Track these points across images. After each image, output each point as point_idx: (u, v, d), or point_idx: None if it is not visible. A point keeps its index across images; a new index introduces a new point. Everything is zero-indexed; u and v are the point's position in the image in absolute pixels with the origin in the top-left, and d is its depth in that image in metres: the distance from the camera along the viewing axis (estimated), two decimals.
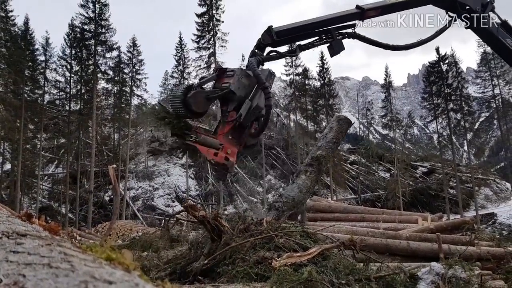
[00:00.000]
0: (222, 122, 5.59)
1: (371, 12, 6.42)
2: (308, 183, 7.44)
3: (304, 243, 5.57)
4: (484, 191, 45.94)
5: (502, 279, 8.19)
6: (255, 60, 5.63)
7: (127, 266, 1.18)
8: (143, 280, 0.97)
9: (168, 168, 39.80)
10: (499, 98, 38.81)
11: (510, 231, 29.88)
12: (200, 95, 5.26)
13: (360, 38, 6.52)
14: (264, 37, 5.71)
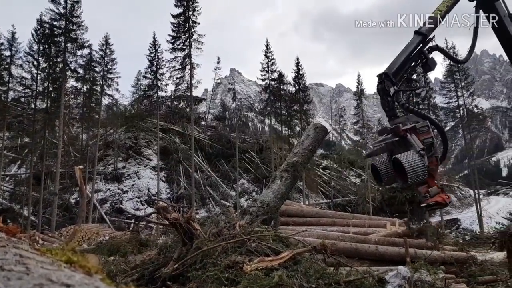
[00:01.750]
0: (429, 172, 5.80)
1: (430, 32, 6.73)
2: (283, 188, 7.43)
3: (276, 247, 5.56)
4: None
5: (464, 283, 8.47)
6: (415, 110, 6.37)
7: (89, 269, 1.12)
8: (105, 283, 0.92)
9: (139, 171, 39.02)
10: (463, 108, 40.35)
11: (472, 236, 30.99)
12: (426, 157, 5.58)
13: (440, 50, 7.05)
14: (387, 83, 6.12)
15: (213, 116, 61.01)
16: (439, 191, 5.68)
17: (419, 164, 5.29)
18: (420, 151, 5.39)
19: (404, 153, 5.49)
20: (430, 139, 5.61)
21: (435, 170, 5.84)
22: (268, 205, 7.20)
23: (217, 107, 73.11)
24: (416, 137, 5.60)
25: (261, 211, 7.17)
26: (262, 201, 7.31)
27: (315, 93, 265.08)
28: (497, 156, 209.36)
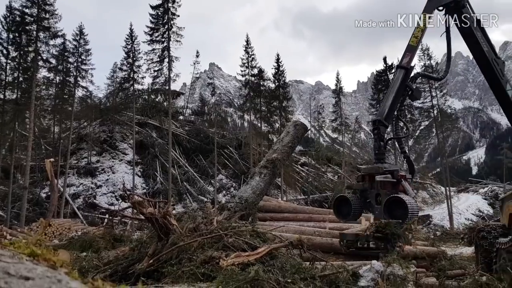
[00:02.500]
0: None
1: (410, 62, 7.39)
2: (262, 185, 7.47)
3: (253, 242, 5.55)
4: (422, 194, 48.89)
5: (434, 276, 8.70)
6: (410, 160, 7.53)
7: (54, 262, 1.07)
8: (69, 277, 0.88)
9: (113, 165, 38.28)
10: (437, 108, 41.41)
11: (443, 232, 31.92)
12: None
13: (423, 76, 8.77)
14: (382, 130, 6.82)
15: (191, 111, 60.44)
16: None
17: (416, 208, 6.00)
18: (414, 196, 6.19)
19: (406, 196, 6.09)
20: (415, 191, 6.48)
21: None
22: (246, 201, 7.24)
23: (196, 101, 72.46)
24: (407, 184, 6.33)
25: (239, 207, 7.19)
26: (241, 197, 7.33)
27: (295, 90, 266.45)
28: (468, 155, 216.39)
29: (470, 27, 8.24)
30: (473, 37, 8.33)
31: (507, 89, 8.61)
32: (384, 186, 6.36)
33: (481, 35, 8.36)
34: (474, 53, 8.65)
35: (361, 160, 59.42)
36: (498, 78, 8.53)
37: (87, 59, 36.96)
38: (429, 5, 7.94)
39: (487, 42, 8.46)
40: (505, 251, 7.13)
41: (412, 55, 7.37)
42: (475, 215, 41.12)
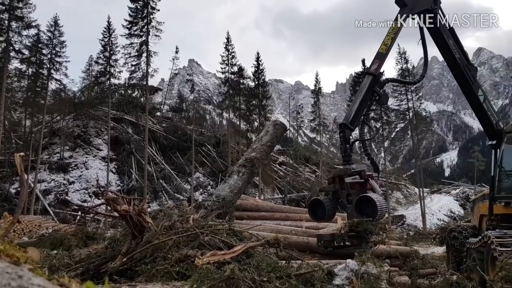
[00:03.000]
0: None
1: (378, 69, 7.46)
2: (240, 183, 7.45)
3: (229, 241, 5.50)
4: (396, 194, 49.96)
5: (407, 275, 8.88)
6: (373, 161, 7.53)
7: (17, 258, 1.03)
8: (34, 273, 0.83)
9: (87, 161, 37.37)
10: (412, 111, 42.39)
11: (416, 231, 32.68)
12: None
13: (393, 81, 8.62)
14: (347, 133, 6.89)
15: (169, 107, 59.72)
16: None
17: (384, 205, 6.23)
18: (381, 194, 6.33)
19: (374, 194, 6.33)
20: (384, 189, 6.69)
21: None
22: (224, 199, 7.20)
23: (174, 98, 71.72)
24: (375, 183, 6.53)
25: (217, 205, 7.15)
26: (218, 195, 7.29)
27: (274, 89, 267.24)
28: (441, 157, 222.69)
29: (442, 35, 8.41)
30: (445, 44, 8.49)
31: (478, 94, 8.85)
32: (353, 186, 6.58)
33: (453, 42, 8.53)
34: (446, 60, 8.88)
35: (338, 160, 60.17)
36: (470, 84, 8.76)
37: (62, 51, 35.95)
38: (401, 13, 8.09)
39: (459, 49, 8.64)
40: (475, 251, 7.33)
41: (381, 62, 7.46)
42: (447, 215, 42.32)
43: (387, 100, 7.48)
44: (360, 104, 7.11)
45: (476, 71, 9.12)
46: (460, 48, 8.69)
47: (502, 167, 8.47)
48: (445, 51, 8.70)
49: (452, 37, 8.58)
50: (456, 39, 8.66)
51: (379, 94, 7.25)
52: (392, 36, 7.75)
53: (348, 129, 6.72)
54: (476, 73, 9.09)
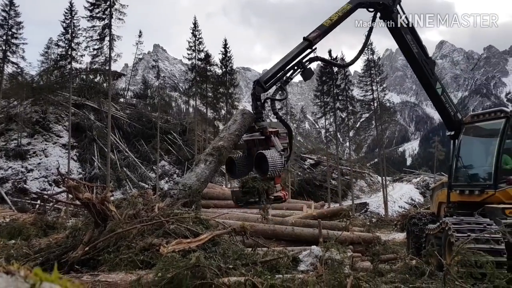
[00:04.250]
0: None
1: (316, 39, 7.40)
2: (207, 172, 7.33)
3: (196, 229, 5.44)
4: (360, 183, 51.38)
5: (369, 261, 9.17)
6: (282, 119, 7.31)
7: None
8: None
9: (46, 148, 35.83)
10: (377, 102, 43.50)
11: (378, 218, 33.80)
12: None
13: (321, 60, 7.83)
14: (258, 89, 6.76)
15: (133, 93, 58.07)
16: (281, 189, 6.67)
17: (279, 161, 6.14)
18: (280, 151, 6.26)
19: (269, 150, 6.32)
20: (285, 144, 6.61)
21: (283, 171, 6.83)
22: (190, 188, 7.07)
23: (138, 84, 69.74)
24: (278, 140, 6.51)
25: (183, 194, 7.02)
26: (184, 184, 7.16)
27: (242, 77, 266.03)
28: (404, 147, 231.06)
29: (400, 30, 8.60)
30: (403, 40, 8.70)
31: (436, 87, 9.15)
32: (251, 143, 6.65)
33: (411, 37, 8.72)
34: (405, 54, 9.14)
35: (305, 149, 61.04)
36: (428, 77, 9.03)
37: (18, 33, 34.06)
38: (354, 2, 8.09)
39: (418, 43, 8.84)
40: (433, 236, 7.63)
41: (321, 34, 7.46)
42: (408, 203, 44.00)
43: (310, 76, 7.36)
44: (282, 67, 7.05)
45: (435, 65, 9.42)
46: (419, 43, 8.88)
47: (459, 157, 8.83)
48: (403, 46, 8.92)
49: (411, 32, 8.78)
50: (414, 34, 8.86)
51: (304, 67, 7.18)
52: (340, 14, 7.80)
53: (261, 87, 6.72)
54: (434, 67, 9.39)
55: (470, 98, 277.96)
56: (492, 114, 8.66)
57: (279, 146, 6.28)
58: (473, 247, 5.78)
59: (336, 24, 7.87)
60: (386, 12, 8.52)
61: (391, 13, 8.48)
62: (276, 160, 6.11)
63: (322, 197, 39.02)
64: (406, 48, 8.82)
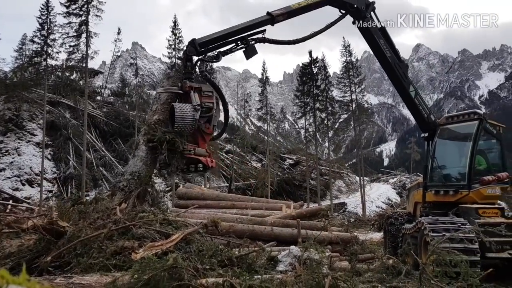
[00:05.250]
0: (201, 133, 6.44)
1: (279, 17, 7.27)
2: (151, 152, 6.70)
3: (165, 230, 5.28)
4: (338, 183, 51.93)
5: (347, 260, 9.24)
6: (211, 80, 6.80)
7: None
8: None
9: (19, 147, 34.71)
10: (355, 103, 44.07)
11: (356, 218, 34.23)
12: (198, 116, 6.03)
13: (269, 41, 7.46)
14: (189, 49, 6.45)
15: (110, 92, 56.92)
16: (207, 155, 6.40)
17: (189, 115, 5.88)
18: (195, 106, 5.97)
19: (180, 103, 6.08)
20: (210, 104, 6.33)
21: (208, 135, 6.60)
22: (139, 175, 6.31)
23: (116, 82, 68.52)
24: (197, 96, 6.21)
25: (133, 184, 6.30)
26: (132, 172, 6.41)
27: (222, 76, 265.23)
28: (381, 147, 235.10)
29: (373, 35, 8.73)
30: (376, 44, 8.83)
31: (410, 90, 9.29)
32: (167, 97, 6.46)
33: (384, 42, 8.84)
34: (378, 58, 9.27)
35: (284, 149, 61.28)
36: (401, 80, 9.16)
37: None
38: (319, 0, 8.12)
39: (391, 48, 8.98)
40: (409, 236, 7.76)
41: (285, 13, 7.37)
42: (385, 203, 44.68)
43: (252, 55, 7.08)
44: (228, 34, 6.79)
45: (407, 68, 9.52)
46: (392, 47, 9.00)
47: (434, 157, 9.01)
48: (376, 50, 9.03)
49: (384, 37, 8.91)
50: (387, 38, 8.98)
51: (248, 44, 6.92)
52: (309, 2, 7.82)
53: (194, 47, 6.45)
54: (407, 70, 9.47)
55: (445, 100, 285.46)
56: (466, 116, 8.88)
57: (195, 101, 6.03)
58: (448, 246, 5.90)
59: (303, 10, 7.82)
60: (358, 17, 8.61)
61: (363, 18, 8.58)
62: (186, 113, 5.85)
63: (301, 197, 39.22)
64: (379, 52, 8.93)
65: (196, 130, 6.31)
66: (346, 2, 8.36)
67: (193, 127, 6.01)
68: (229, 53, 6.97)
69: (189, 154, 6.14)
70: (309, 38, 8.27)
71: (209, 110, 6.33)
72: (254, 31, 7.02)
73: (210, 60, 6.89)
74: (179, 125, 5.85)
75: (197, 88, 6.29)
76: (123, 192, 6.25)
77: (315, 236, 9.03)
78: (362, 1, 8.52)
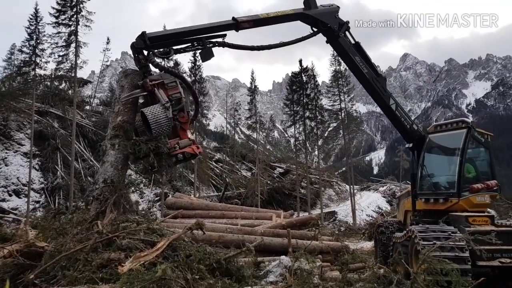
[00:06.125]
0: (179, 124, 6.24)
1: (245, 24, 7.10)
2: (121, 156, 6.36)
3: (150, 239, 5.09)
4: (328, 191, 52.00)
5: (338, 270, 9.17)
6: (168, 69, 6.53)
7: None
8: None
9: (7, 157, 34.14)
10: (344, 111, 44.39)
11: (346, 227, 34.20)
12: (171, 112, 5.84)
13: (229, 46, 7.24)
14: (138, 41, 6.18)
15: (99, 101, 56.54)
16: (190, 143, 6.27)
17: (162, 116, 5.66)
18: (164, 104, 5.74)
19: (149, 107, 5.78)
20: (178, 94, 6.09)
21: (185, 123, 6.40)
22: (112, 181, 6.08)
23: (105, 91, 68.07)
24: (163, 92, 5.98)
25: (107, 191, 6.01)
26: (104, 179, 6.11)
27: (212, 85, 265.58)
28: (370, 156, 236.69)
29: (348, 53, 8.63)
30: (352, 62, 8.74)
31: (390, 103, 9.23)
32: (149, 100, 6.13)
33: (359, 58, 8.73)
34: (355, 75, 9.18)
35: (274, 158, 61.27)
36: (381, 95, 9.12)
37: None
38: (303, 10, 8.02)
39: (367, 63, 8.87)
40: (400, 245, 7.72)
41: (251, 21, 7.23)
42: (375, 211, 44.80)
43: (208, 58, 6.89)
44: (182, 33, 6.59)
45: (385, 81, 9.41)
46: (368, 62, 8.90)
47: (424, 165, 9.04)
48: (352, 68, 8.97)
49: (359, 53, 8.80)
50: (363, 54, 8.88)
51: (204, 44, 6.69)
52: (279, 14, 7.76)
53: (142, 40, 6.18)
54: (386, 83, 9.36)
55: (433, 109, 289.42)
56: (454, 124, 8.95)
57: (163, 99, 5.81)
58: (439, 255, 5.87)
59: (272, 21, 7.70)
60: (331, 36, 8.47)
61: (337, 37, 8.44)
62: (159, 116, 5.65)
63: (292, 206, 39.14)
64: (356, 69, 8.85)
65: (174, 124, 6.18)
66: (318, 19, 8.19)
67: (170, 125, 5.86)
68: (183, 52, 6.78)
69: (175, 151, 6.04)
70: (275, 47, 8.11)
71: (179, 101, 6.12)
72: (214, 34, 6.83)
73: (160, 55, 6.57)
74: (156, 130, 5.71)
75: (160, 83, 6.04)
76: (98, 201, 6.00)
77: (306, 245, 8.96)
78: (335, 21, 8.34)
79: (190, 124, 6.70)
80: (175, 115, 6.13)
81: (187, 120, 6.39)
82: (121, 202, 6.22)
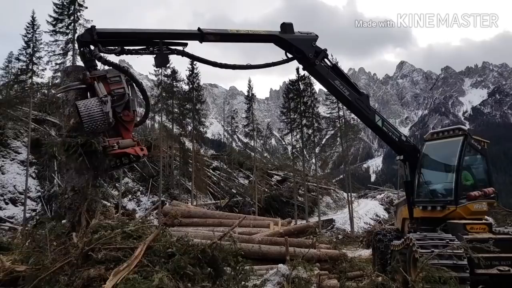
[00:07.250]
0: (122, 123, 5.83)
1: (210, 36, 6.84)
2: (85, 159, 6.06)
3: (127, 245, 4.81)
4: (326, 199, 51.92)
5: (336, 278, 9.12)
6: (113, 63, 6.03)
7: None
8: None
9: (4, 165, 33.96)
10: (342, 119, 44.48)
11: (344, 235, 34.08)
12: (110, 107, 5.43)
13: (189, 56, 6.97)
14: (84, 34, 5.88)
15: None
16: (134, 144, 5.89)
17: (96, 110, 5.27)
18: (101, 98, 5.40)
19: (84, 100, 5.44)
20: (121, 90, 5.72)
21: (130, 122, 5.98)
22: (82, 188, 5.77)
23: None
24: (103, 86, 5.63)
25: (78, 198, 5.70)
26: (72, 187, 5.78)
27: (209, 93, 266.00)
28: (368, 163, 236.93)
29: (327, 79, 8.36)
30: (332, 86, 8.52)
31: (376, 120, 9.09)
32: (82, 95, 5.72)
33: (339, 82, 8.49)
34: (336, 98, 9.08)
35: (271, 166, 61.23)
36: (365, 114, 8.94)
37: None
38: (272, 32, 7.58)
39: (347, 83, 8.65)
40: (398, 252, 7.68)
41: (217, 34, 6.98)
42: (373, 219, 44.70)
43: (163, 64, 6.71)
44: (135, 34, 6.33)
45: (368, 99, 9.15)
46: (348, 83, 8.70)
47: (421, 173, 9.03)
48: (333, 92, 8.83)
49: (337, 75, 8.53)
50: (341, 75, 8.65)
51: (160, 50, 6.33)
52: (250, 32, 7.48)
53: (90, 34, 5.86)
54: (369, 101, 9.13)
55: (430, 116, 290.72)
56: (451, 132, 8.97)
57: (101, 92, 5.46)
58: (437, 263, 5.84)
59: (241, 38, 7.44)
60: (307, 63, 8.09)
61: (313, 65, 8.05)
62: (93, 109, 5.26)
63: (289, 214, 39.01)
64: (337, 93, 8.72)
65: (116, 121, 5.73)
66: (293, 45, 7.71)
67: (105, 122, 5.37)
68: (135, 53, 6.42)
69: (113, 151, 5.59)
70: (240, 68, 7.59)
71: (121, 97, 5.68)
72: (174, 40, 6.55)
73: (106, 52, 6.15)
74: (88, 125, 5.26)
75: (101, 77, 5.66)
76: (71, 211, 5.68)
77: (304, 253, 8.92)
78: (311, 49, 7.88)
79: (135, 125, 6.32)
80: (119, 112, 5.71)
81: (132, 119, 5.93)
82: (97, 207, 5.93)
